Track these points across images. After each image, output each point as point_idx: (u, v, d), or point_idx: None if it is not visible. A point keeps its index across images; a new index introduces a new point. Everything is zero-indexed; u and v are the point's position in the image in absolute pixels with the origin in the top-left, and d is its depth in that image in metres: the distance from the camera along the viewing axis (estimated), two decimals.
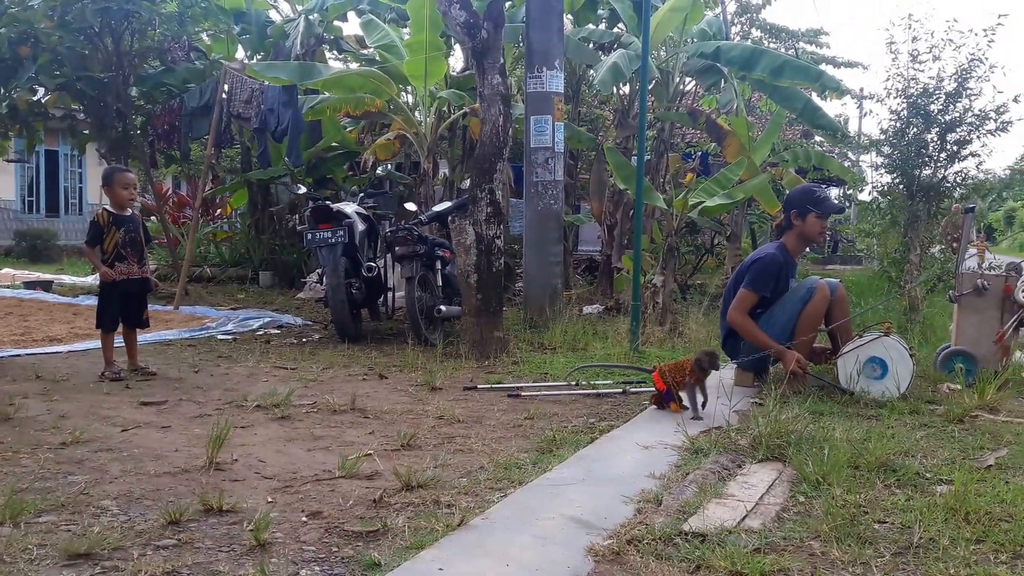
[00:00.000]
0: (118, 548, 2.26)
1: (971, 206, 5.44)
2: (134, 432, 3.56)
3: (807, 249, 5.52)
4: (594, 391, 4.63)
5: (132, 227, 4.92)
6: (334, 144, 11.04)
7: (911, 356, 4.50)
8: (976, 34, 6.78)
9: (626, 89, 9.79)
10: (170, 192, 14.08)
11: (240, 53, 11.76)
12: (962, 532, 2.45)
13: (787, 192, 5.42)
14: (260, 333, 6.92)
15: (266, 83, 9.10)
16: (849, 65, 18.42)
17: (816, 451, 3.15)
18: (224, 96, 9.16)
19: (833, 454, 3.08)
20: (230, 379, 4.87)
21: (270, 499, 2.70)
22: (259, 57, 11.37)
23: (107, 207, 4.95)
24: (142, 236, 5.02)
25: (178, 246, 10.94)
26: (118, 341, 4.97)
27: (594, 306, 8.66)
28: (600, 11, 10.21)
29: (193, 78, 10.28)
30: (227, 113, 9.25)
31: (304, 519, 2.53)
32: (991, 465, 3.19)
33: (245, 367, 5.25)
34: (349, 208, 6.74)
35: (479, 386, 4.70)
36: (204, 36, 11.64)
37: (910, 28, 7.08)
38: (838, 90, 9.15)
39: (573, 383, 4.77)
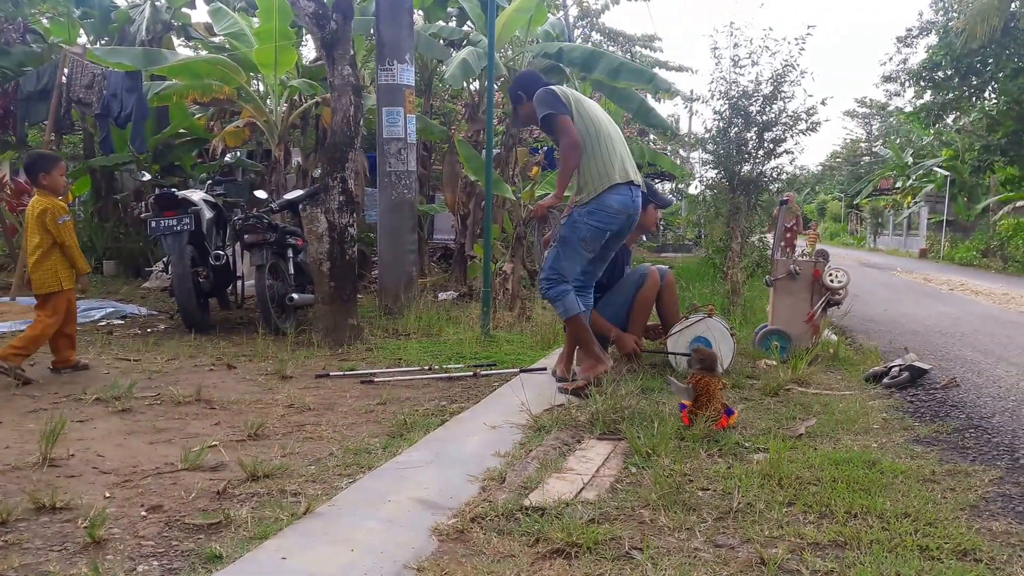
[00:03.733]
0: None
1: (784, 199, 5.92)
2: None
3: (643, 238, 5.85)
4: (446, 375, 4.71)
5: None
6: (182, 131, 10.71)
7: (732, 335, 4.88)
8: (789, 42, 7.43)
9: (476, 85, 9.93)
10: (6, 179, 13.17)
11: (83, 38, 11.23)
12: (776, 496, 2.68)
13: None
14: (102, 324, 6.64)
15: (109, 68, 8.70)
16: (680, 69, 19.36)
17: (647, 425, 3.36)
18: (64, 81, 8.73)
19: (662, 427, 3.31)
20: (68, 372, 4.66)
21: (108, 494, 2.63)
22: (103, 42, 10.95)
23: None
24: None
25: (16, 234, 10.33)
26: None
27: (448, 292, 8.80)
28: (450, 9, 10.36)
29: (30, 61, 9.79)
30: (67, 98, 8.82)
31: (143, 513, 2.47)
32: (802, 434, 3.49)
33: (85, 359, 5.01)
34: (196, 196, 6.55)
35: (332, 373, 4.69)
36: (43, 19, 11.14)
37: (732, 35, 7.61)
38: (669, 91, 9.73)
39: (426, 367, 4.86)
